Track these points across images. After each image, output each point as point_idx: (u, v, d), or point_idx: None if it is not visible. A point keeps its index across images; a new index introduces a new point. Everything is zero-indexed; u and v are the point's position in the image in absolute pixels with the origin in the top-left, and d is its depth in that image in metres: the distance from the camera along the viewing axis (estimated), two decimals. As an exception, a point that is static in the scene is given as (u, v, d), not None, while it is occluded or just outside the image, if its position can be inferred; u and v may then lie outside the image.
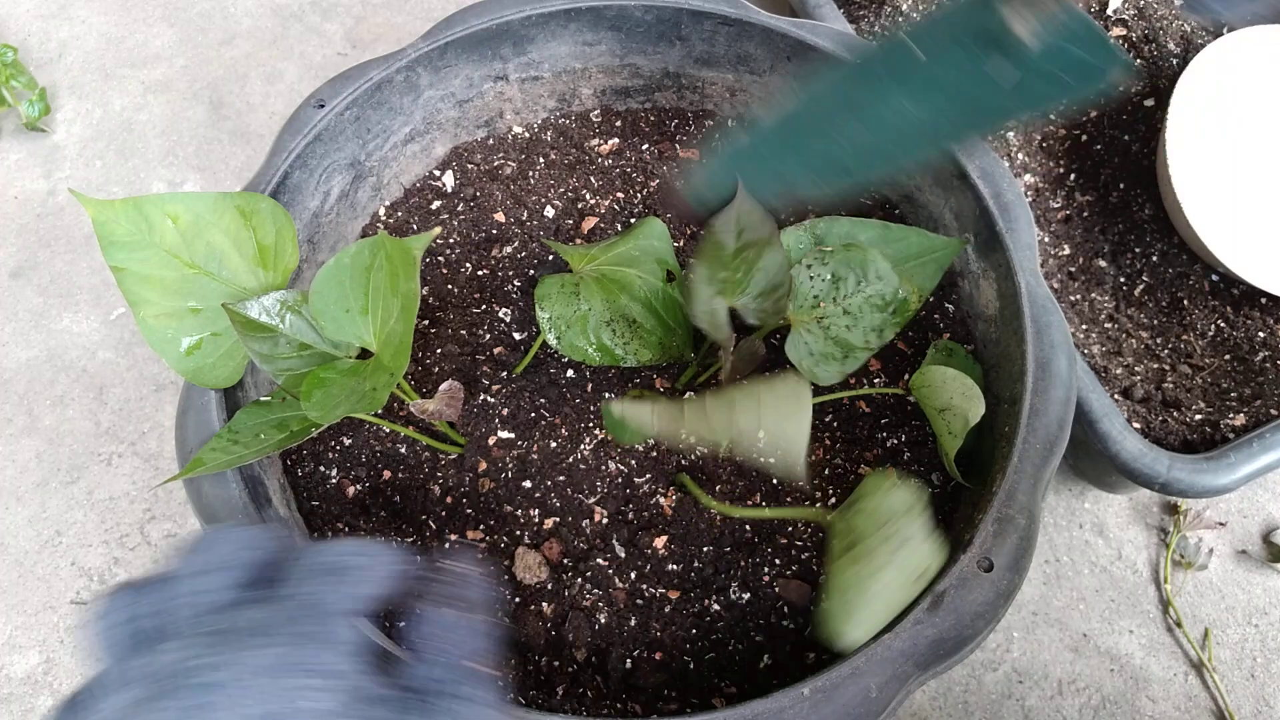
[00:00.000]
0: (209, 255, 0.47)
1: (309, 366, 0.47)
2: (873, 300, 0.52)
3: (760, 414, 0.42)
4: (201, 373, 0.47)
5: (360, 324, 0.46)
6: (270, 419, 0.47)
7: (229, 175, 0.86)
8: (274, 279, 0.49)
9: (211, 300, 0.47)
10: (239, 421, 0.47)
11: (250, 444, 0.45)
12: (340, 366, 0.46)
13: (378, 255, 0.46)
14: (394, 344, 0.44)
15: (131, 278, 0.46)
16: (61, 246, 0.82)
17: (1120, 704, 0.64)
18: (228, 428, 0.46)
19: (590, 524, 0.52)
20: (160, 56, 0.94)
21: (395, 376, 0.43)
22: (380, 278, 0.46)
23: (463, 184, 0.65)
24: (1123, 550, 0.69)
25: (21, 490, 0.71)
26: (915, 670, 0.41)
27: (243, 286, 0.48)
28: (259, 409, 0.48)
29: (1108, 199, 0.73)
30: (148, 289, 0.46)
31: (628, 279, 0.52)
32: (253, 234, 0.48)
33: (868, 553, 0.41)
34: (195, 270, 0.47)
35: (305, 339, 0.47)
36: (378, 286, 0.46)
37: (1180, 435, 0.64)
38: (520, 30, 0.61)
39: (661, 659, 0.48)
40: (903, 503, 0.42)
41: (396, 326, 0.44)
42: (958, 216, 0.58)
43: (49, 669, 0.64)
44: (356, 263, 0.46)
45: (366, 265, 0.46)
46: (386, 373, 0.44)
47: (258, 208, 0.48)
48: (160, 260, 0.46)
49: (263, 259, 0.48)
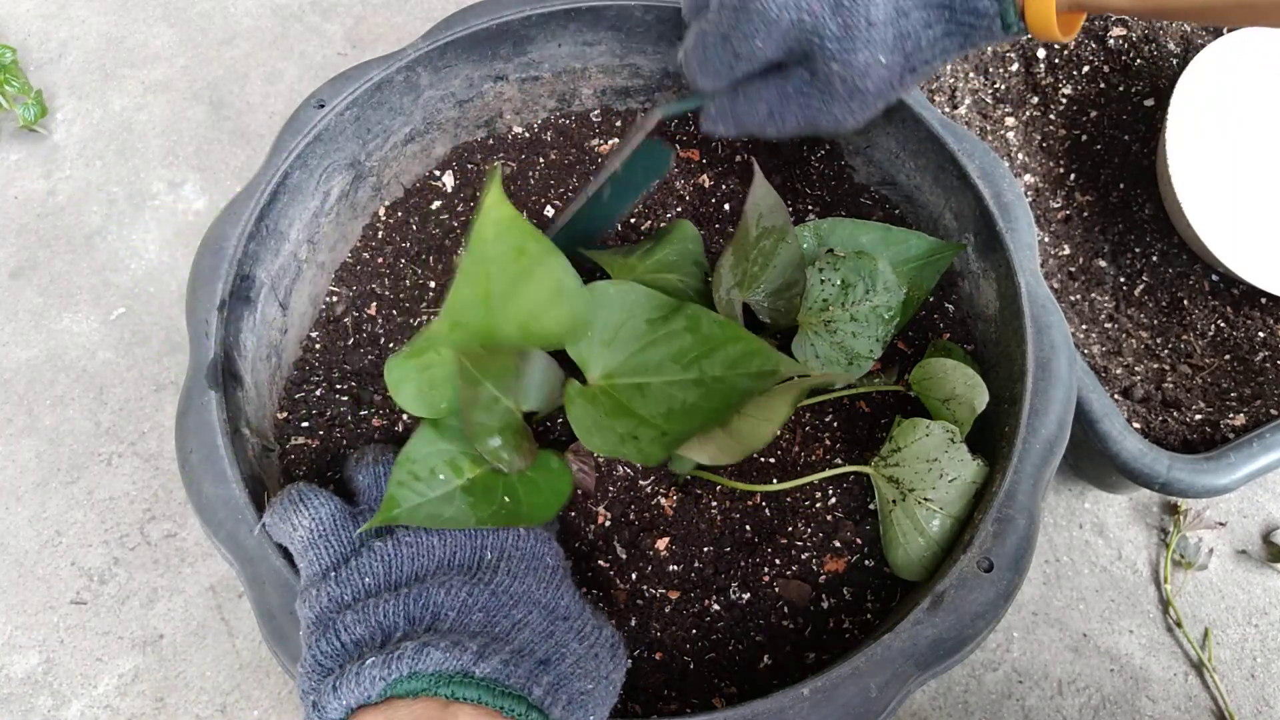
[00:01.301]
0: None
1: (499, 420, 0.44)
2: (878, 310, 0.52)
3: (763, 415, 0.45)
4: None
5: (592, 349, 0.46)
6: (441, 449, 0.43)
7: (229, 175, 0.86)
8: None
9: None
10: (414, 449, 0.43)
11: (433, 485, 0.42)
12: (576, 386, 0.45)
13: (659, 310, 0.47)
14: (670, 406, 0.45)
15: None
16: (61, 246, 0.82)
17: (1120, 704, 0.64)
18: (404, 455, 0.42)
19: (594, 527, 0.52)
20: (160, 56, 0.94)
21: (672, 440, 0.44)
22: (649, 328, 0.47)
23: (462, 184, 0.65)
24: (1123, 550, 0.69)
25: (21, 490, 0.71)
26: (915, 670, 0.41)
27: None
28: (431, 434, 0.43)
29: (1108, 199, 0.73)
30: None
31: (671, 284, 0.53)
32: None
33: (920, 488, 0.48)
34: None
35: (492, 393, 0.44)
36: (635, 332, 0.47)
37: (1180, 435, 0.64)
38: (520, 30, 0.61)
39: (662, 659, 0.48)
40: (940, 441, 0.48)
41: (679, 393, 0.45)
42: (958, 216, 0.58)
43: (49, 669, 0.64)
44: (623, 298, 0.47)
45: (629, 305, 0.47)
46: (657, 430, 0.44)
47: None
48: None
49: None
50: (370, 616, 0.34)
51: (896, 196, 0.63)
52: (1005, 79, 0.78)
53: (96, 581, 0.67)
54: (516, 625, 0.36)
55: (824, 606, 0.50)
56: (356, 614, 0.35)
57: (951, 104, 0.77)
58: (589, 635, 0.39)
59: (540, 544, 0.41)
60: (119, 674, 0.64)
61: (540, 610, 0.37)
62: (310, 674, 0.34)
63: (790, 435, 0.55)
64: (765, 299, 0.52)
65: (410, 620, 0.35)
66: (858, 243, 0.56)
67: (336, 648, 0.34)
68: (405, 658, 0.32)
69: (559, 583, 0.40)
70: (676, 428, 0.44)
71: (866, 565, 0.51)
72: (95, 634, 0.65)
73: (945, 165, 0.57)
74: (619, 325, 0.46)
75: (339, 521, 0.39)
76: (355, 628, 0.34)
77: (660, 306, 0.47)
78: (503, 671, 0.33)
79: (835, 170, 0.65)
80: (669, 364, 0.46)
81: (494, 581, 0.37)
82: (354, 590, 0.36)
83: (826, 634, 0.49)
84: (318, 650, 0.34)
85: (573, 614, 0.39)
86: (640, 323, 0.46)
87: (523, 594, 0.38)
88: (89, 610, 0.66)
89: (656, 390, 0.45)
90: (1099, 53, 0.77)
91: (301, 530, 0.38)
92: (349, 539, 0.38)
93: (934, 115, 0.57)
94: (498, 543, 0.39)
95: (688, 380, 0.45)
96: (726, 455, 0.45)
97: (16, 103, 0.84)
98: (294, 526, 0.39)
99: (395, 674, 0.32)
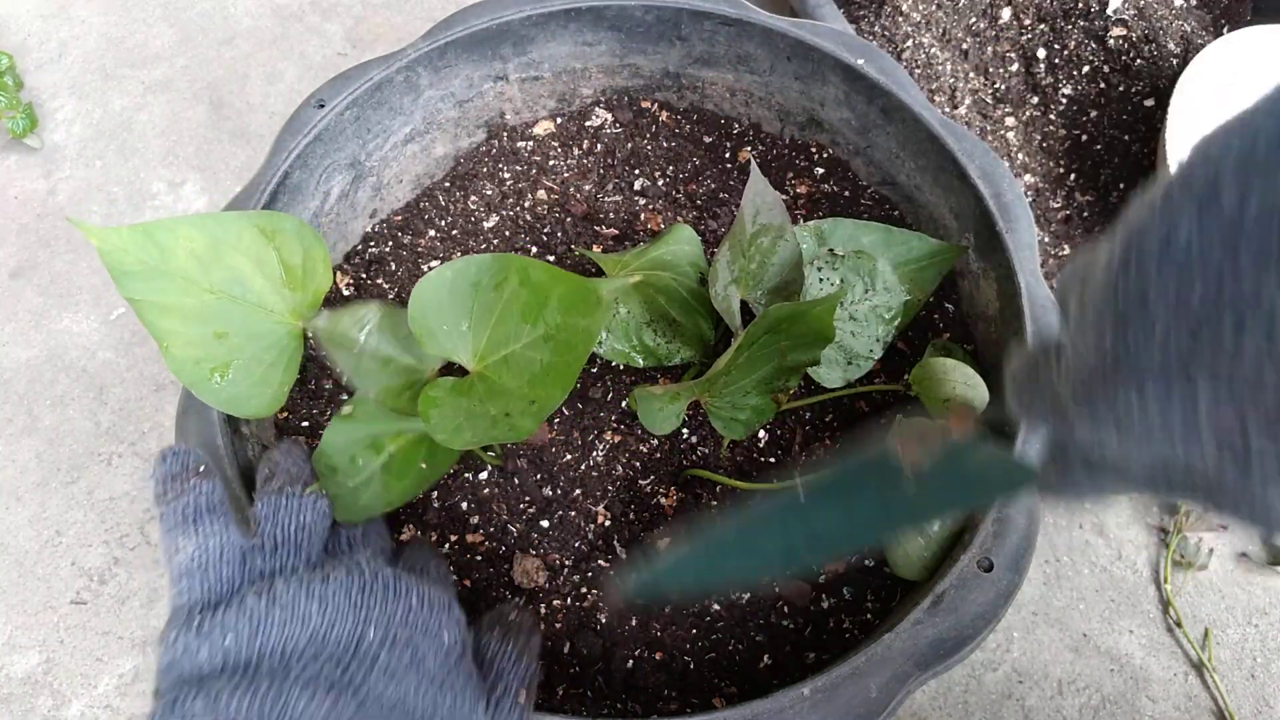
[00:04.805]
0: (231, 279, 0.45)
1: (395, 380, 0.45)
2: (878, 310, 0.52)
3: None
4: (237, 402, 0.45)
5: (457, 340, 0.44)
6: (357, 437, 0.44)
7: (229, 175, 0.86)
8: (305, 300, 0.47)
9: (237, 325, 0.45)
10: (329, 443, 0.44)
11: (352, 474, 0.43)
12: (444, 384, 0.44)
13: (495, 275, 0.44)
14: (532, 371, 0.42)
15: (150, 308, 0.43)
16: (61, 246, 0.82)
17: (1120, 704, 0.64)
18: (319, 451, 0.44)
19: (594, 526, 0.52)
20: (160, 56, 0.94)
21: (541, 407, 0.41)
22: (495, 297, 0.44)
23: (462, 184, 0.65)
24: (1123, 550, 0.69)
25: (21, 490, 0.71)
26: (915, 670, 0.41)
27: (269, 309, 0.46)
28: (342, 425, 0.44)
29: (1108, 199, 0.73)
30: (169, 319, 0.44)
31: (664, 282, 0.52)
32: (277, 254, 0.46)
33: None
34: (217, 295, 0.45)
35: (386, 352, 0.45)
36: (487, 305, 0.44)
37: (1180, 435, 0.64)
38: (520, 30, 0.61)
39: (662, 659, 0.48)
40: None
41: (534, 354, 0.43)
42: (958, 216, 0.58)
43: (49, 669, 0.64)
44: (461, 279, 0.44)
45: (474, 282, 0.44)
46: (525, 400, 0.42)
47: (281, 227, 0.46)
48: (178, 288, 0.44)
49: (290, 280, 0.46)
50: (220, 710, 0.31)
51: (896, 196, 0.63)
52: (1005, 79, 0.78)
53: (96, 581, 0.67)
54: None
55: (824, 606, 0.50)
56: (206, 701, 0.31)
57: (951, 104, 0.77)
58: None
59: (436, 614, 0.37)
60: (119, 674, 0.64)
61: None
62: None
63: (790, 435, 0.55)
64: (764, 297, 0.52)
65: None
66: (859, 243, 0.56)
67: None
68: None
69: (448, 672, 0.36)
70: (541, 393, 0.42)
71: (866, 565, 0.51)
72: (95, 634, 0.65)
73: (945, 165, 0.57)
74: (471, 303, 0.45)
75: (226, 556, 0.36)
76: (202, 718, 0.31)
77: (492, 267, 0.44)
78: None
79: (837, 171, 0.65)
80: (521, 326, 0.44)
81: (364, 687, 0.33)
82: (211, 650, 0.33)
83: (826, 634, 0.49)
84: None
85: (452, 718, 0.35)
86: (488, 293, 0.44)
87: (396, 702, 0.34)
88: (89, 610, 0.66)
89: (518, 358, 0.44)
90: (1099, 53, 0.77)
91: (182, 555, 0.35)
92: (229, 577, 0.35)
93: (934, 115, 0.57)
94: (384, 617, 0.35)
95: (538, 338, 0.43)
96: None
97: (5, 115, 0.83)
98: (177, 548, 0.36)
99: None
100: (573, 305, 0.43)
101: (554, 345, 0.43)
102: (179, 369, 0.44)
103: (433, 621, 0.36)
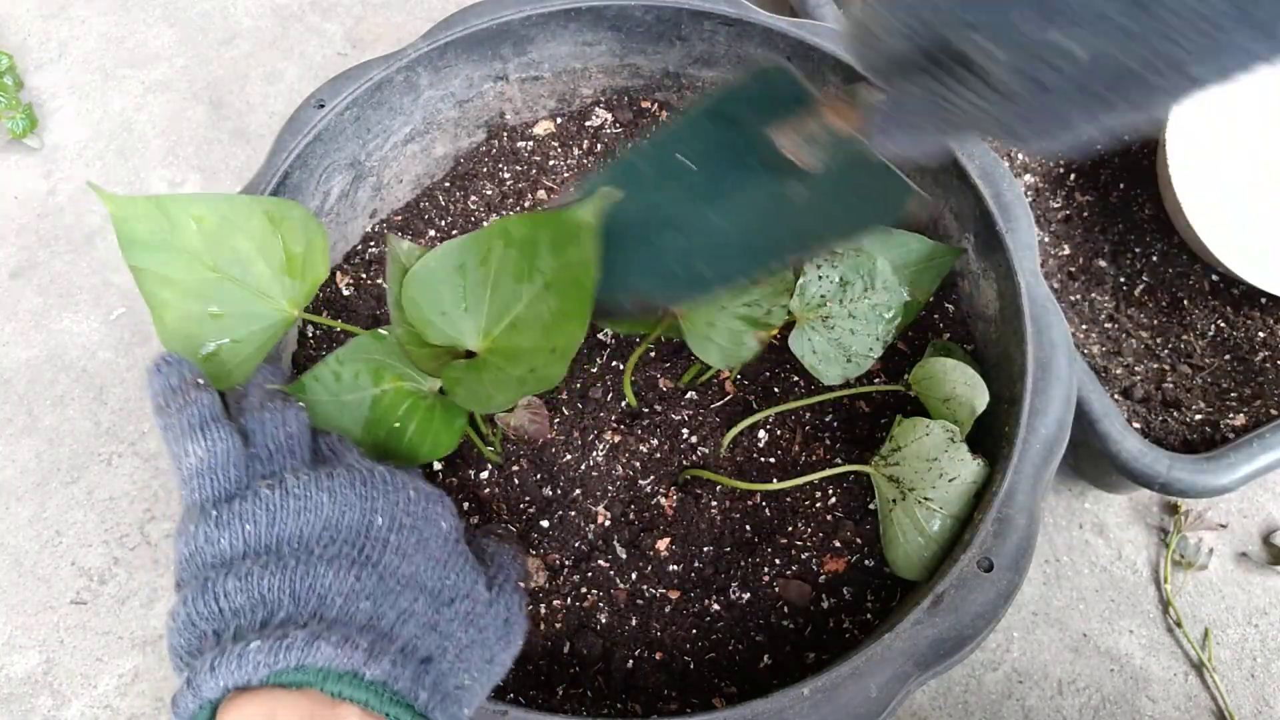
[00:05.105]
0: (233, 260, 0.46)
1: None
2: (877, 309, 0.52)
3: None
4: (220, 379, 0.46)
5: (459, 323, 0.45)
6: (374, 356, 0.45)
7: (229, 175, 0.86)
8: (301, 288, 0.47)
9: (233, 306, 0.46)
10: (352, 346, 0.45)
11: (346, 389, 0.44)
12: (460, 364, 0.45)
13: (478, 251, 0.44)
14: (543, 323, 0.42)
15: (151, 278, 0.44)
16: (61, 246, 0.82)
17: (1120, 704, 0.64)
18: (335, 357, 0.44)
19: (594, 527, 0.52)
20: (160, 56, 0.94)
21: (563, 351, 0.41)
22: (484, 272, 0.44)
23: (462, 184, 0.65)
24: (1123, 550, 0.69)
25: (21, 490, 0.71)
26: (915, 670, 0.41)
27: (267, 294, 0.46)
28: (370, 339, 0.45)
29: (1108, 199, 0.74)
30: (168, 291, 0.45)
31: None
32: (281, 241, 0.46)
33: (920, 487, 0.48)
34: (218, 275, 0.45)
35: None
36: (479, 281, 0.44)
37: (1180, 435, 0.64)
38: (520, 30, 0.61)
39: (662, 659, 0.48)
40: (939, 441, 0.48)
41: (540, 306, 0.43)
42: (958, 216, 0.58)
43: (49, 669, 0.64)
44: (444, 265, 0.44)
45: (458, 265, 0.44)
46: (545, 351, 0.42)
47: (289, 215, 0.46)
48: (182, 263, 0.45)
49: (290, 268, 0.47)
50: (253, 587, 0.33)
51: (896, 196, 0.63)
52: (1005, 79, 0.78)
53: (96, 581, 0.67)
54: (402, 616, 0.35)
55: (824, 606, 0.50)
56: (239, 581, 0.33)
57: (951, 104, 0.77)
58: (477, 618, 0.38)
59: (432, 505, 0.40)
60: (119, 674, 0.64)
61: (426, 596, 0.36)
62: (182, 630, 0.33)
63: (790, 435, 0.55)
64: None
65: (295, 599, 0.33)
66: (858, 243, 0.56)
67: (214, 611, 0.33)
68: (294, 649, 0.31)
69: (449, 554, 0.39)
70: (560, 339, 0.43)
71: (866, 565, 0.51)
72: (95, 634, 0.65)
73: (945, 165, 0.57)
74: (463, 285, 0.45)
75: (233, 459, 0.37)
76: (235, 596, 0.33)
77: (473, 246, 0.45)
78: (391, 674, 0.32)
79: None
80: (517, 288, 0.44)
81: (381, 563, 0.36)
82: (232, 537, 0.35)
83: (826, 634, 0.49)
84: (193, 608, 0.33)
85: (460, 593, 0.38)
86: (476, 270, 0.45)
87: (410, 577, 0.36)
88: (89, 610, 0.66)
89: (525, 318, 0.44)
90: (1099, 53, 0.77)
91: (192, 458, 0.37)
92: (238, 478, 0.37)
93: (934, 115, 0.57)
94: (389, 506, 0.38)
95: (539, 290, 0.43)
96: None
97: (5, 115, 0.83)
98: (186, 453, 0.37)
99: (282, 664, 0.31)
100: (563, 243, 0.43)
101: (557, 290, 0.43)
102: (168, 340, 0.45)
103: (431, 510, 0.39)
